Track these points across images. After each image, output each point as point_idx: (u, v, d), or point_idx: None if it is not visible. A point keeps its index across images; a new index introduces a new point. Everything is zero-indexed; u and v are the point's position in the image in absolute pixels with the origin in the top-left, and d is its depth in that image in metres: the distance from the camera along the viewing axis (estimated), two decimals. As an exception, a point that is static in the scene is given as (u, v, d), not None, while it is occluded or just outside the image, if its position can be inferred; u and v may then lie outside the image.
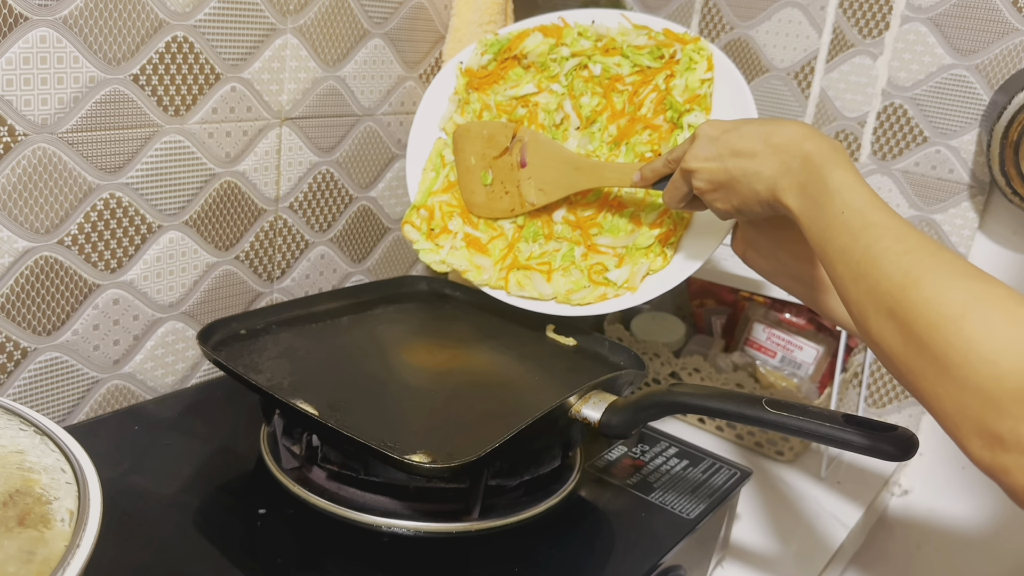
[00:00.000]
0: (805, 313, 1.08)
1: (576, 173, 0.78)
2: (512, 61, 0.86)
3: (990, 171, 0.95)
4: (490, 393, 0.72)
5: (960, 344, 0.44)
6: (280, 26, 0.82)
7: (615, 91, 0.79)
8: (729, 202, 0.65)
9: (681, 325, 1.13)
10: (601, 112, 0.80)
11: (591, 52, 0.82)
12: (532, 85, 0.82)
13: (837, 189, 0.55)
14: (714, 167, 0.65)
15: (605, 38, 0.83)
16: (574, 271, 0.80)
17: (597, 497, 0.74)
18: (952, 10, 1.02)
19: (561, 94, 0.81)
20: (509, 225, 0.84)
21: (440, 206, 0.87)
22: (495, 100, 0.84)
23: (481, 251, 0.84)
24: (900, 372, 0.49)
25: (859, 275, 0.51)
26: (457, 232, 0.85)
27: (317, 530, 0.64)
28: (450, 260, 0.85)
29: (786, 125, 0.61)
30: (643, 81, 0.79)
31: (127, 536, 0.60)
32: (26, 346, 0.72)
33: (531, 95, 0.82)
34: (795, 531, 0.88)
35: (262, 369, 0.71)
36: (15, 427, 0.49)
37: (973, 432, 0.44)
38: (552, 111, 0.81)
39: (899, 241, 0.51)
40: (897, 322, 0.48)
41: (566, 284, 0.79)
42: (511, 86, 0.83)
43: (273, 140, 0.86)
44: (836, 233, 0.54)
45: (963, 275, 0.47)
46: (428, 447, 0.61)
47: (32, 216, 0.69)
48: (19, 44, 0.65)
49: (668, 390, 0.65)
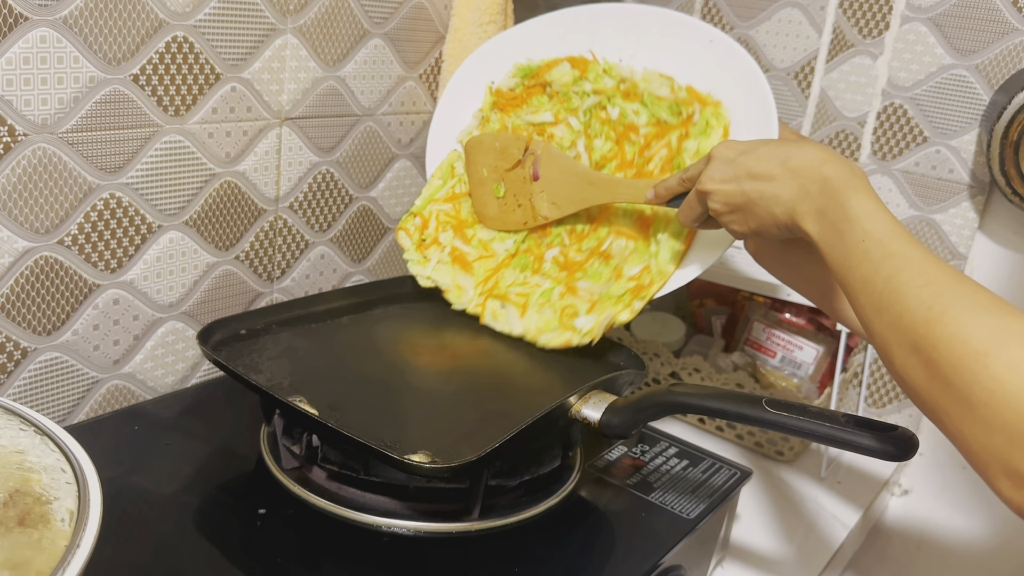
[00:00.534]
0: (805, 313, 1.08)
1: (589, 187, 0.78)
2: (538, 87, 0.85)
3: (990, 171, 0.95)
4: (490, 393, 0.72)
5: (985, 382, 0.43)
6: (280, 26, 0.82)
7: (628, 140, 0.79)
8: (746, 224, 0.64)
9: (681, 325, 1.13)
10: (611, 159, 0.80)
11: (612, 93, 0.81)
12: (550, 114, 0.82)
13: (857, 216, 0.54)
14: (730, 189, 0.63)
15: (628, 81, 0.81)
16: (548, 310, 0.80)
17: (597, 497, 0.74)
18: (952, 10, 1.02)
19: (577, 131, 0.80)
20: (502, 251, 0.84)
21: (437, 215, 0.87)
22: (513, 123, 0.84)
23: (466, 268, 0.83)
24: (926, 407, 0.48)
25: (881, 307, 0.51)
26: (446, 246, 0.85)
27: (317, 530, 0.64)
28: (435, 276, 0.85)
29: (804, 148, 0.60)
30: (657, 135, 0.78)
31: (127, 536, 0.60)
32: (26, 346, 0.72)
33: (548, 124, 0.81)
34: (795, 531, 0.88)
35: (262, 369, 0.71)
36: (15, 427, 0.49)
37: (1001, 471, 0.43)
38: (566, 147, 0.80)
39: (921, 273, 0.50)
40: (921, 357, 0.47)
41: (538, 322, 0.79)
42: (531, 111, 0.83)
43: (273, 140, 0.86)
44: (857, 262, 0.53)
45: (986, 309, 0.46)
46: (428, 447, 0.61)
47: (32, 216, 0.69)
48: (19, 44, 0.65)
49: (668, 390, 0.65)
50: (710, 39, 0.79)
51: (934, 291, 0.48)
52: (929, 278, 0.49)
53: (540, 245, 0.81)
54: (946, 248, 1.07)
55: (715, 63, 0.78)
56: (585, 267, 0.78)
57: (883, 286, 0.51)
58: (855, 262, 0.53)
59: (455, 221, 0.86)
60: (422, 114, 1.01)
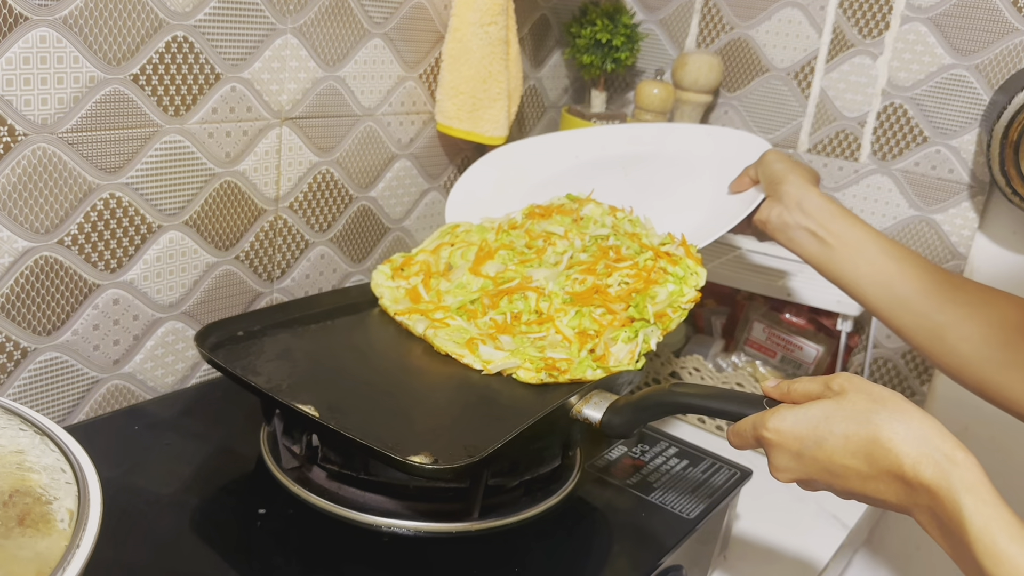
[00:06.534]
0: (805, 313, 1.08)
1: None
2: (572, 209, 0.89)
3: (990, 171, 0.95)
4: (491, 393, 0.72)
5: None
6: (280, 26, 0.82)
7: (607, 256, 0.81)
8: None
9: (681, 325, 1.13)
10: (583, 263, 0.81)
11: (623, 233, 0.84)
12: (562, 228, 0.86)
13: (978, 538, 0.47)
14: (806, 481, 0.57)
15: (641, 228, 0.85)
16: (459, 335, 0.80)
17: (597, 497, 0.74)
18: (952, 10, 1.02)
19: (576, 247, 0.83)
20: (451, 302, 0.82)
21: (418, 260, 0.88)
22: (531, 227, 0.87)
23: (415, 301, 0.83)
24: None
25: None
26: (409, 282, 0.86)
27: (317, 530, 0.64)
28: (386, 290, 0.86)
29: (884, 435, 0.51)
30: (634, 263, 0.80)
31: (127, 536, 0.60)
32: (26, 346, 0.72)
33: (556, 235, 0.85)
34: (795, 531, 0.88)
35: (261, 371, 0.71)
36: (15, 427, 0.49)
37: None
38: (559, 252, 0.83)
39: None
40: None
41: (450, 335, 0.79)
42: (550, 223, 0.87)
43: (273, 140, 0.86)
44: (970, 566, 0.49)
45: None
46: (429, 448, 0.61)
47: (32, 216, 0.69)
48: (19, 44, 0.65)
49: (668, 390, 0.65)
50: None
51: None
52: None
53: (485, 310, 0.80)
54: (946, 248, 1.07)
55: None
56: (514, 331, 0.78)
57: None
58: (969, 565, 0.49)
59: (427, 268, 0.86)
60: (422, 114, 1.01)
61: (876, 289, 0.75)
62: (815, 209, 0.77)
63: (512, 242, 0.86)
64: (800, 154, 1.15)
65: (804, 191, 0.78)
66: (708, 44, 1.20)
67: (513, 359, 0.74)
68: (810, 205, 0.77)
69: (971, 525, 0.47)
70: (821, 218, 0.76)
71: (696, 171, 0.94)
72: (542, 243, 0.85)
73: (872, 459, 0.52)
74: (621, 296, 0.77)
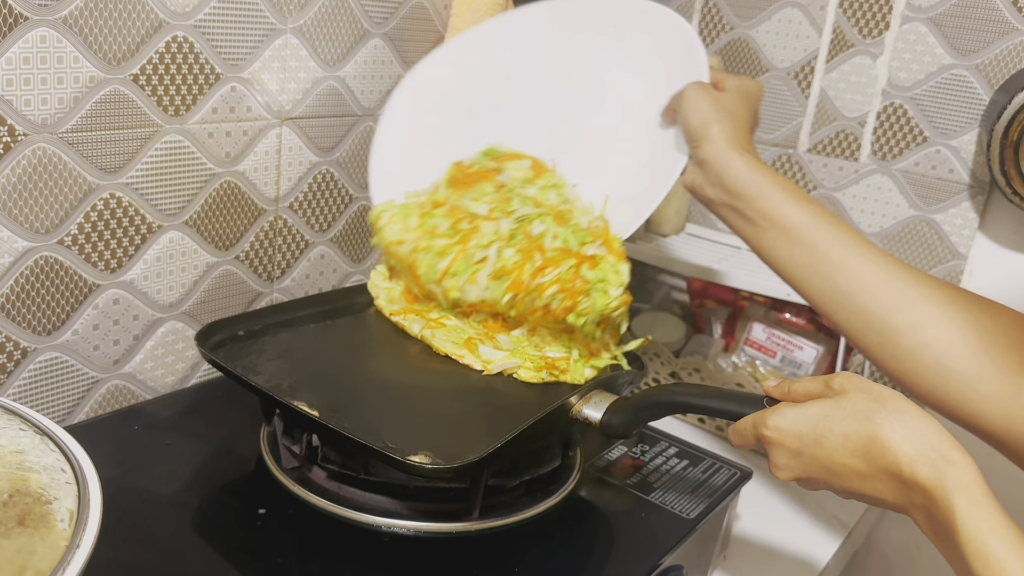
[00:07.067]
0: (805, 313, 1.08)
1: None
2: (493, 172, 0.80)
3: (990, 171, 0.95)
4: (491, 393, 0.72)
5: None
6: (280, 26, 0.82)
7: (531, 259, 0.73)
8: None
9: (681, 325, 1.13)
10: (511, 271, 0.74)
11: (548, 212, 0.76)
12: (486, 208, 0.77)
13: (968, 539, 0.47)
14: (806, 479, 0.56)
15: (569, 203, 0.77)
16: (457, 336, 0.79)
17: (597, 497, 0.74)
18: (952, 10, 1.02)
19: (501, 235, 0.75)
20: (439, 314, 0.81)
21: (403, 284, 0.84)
22: (456, 202, 0.79)
23: (410, 301, 0.83)
24: None
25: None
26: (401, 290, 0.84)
27: (317, 530, 0.64)
28: (384, 291, 0.85)
29: (883, 434, 0.51)
30: (554, 261, 0.72)
31: (127, 536, 0.60)
32: (26, 346, 0.72)
33: (480, 216, 0.77)
34: (795, 531, 0.88)
35: (261, 370, 0.71)
36: (15, 427, 0.49)
37: None
38: (484, 244, 0.75)
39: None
40: None
41: (448, 336, 0.78)
42: (473, 197, 0.79)
43: (273, 140, 0.86)
44: (962, 566, 0.49)
45: None
46: (429, 447, 0.61)
47: (32, 216, 0.69)
48: (19, 44, 0.65)
49: (668, 390, 0.65)
50: None
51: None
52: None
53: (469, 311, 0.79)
54: (946, 248, 1.07)
55: None
56: (510, 331, 0.77)
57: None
58: (960, 566, 0.49)
59: (411, 296, 0.83)
60: (422, 114, 1.01)
61: (816, 281, 0.65)
62: (739, 183, 0.65)
63: (435, 227, 0.78)
64: (800, 154, 1.15)
65: (726, 157, 0.65)
66: (708, 44, 1.20)
67: (513, 359, 0.74)
68: (732, 178, 0.65)
69: (962, 525, 0.47)
70: (747, 194, 0.65)
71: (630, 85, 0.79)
72: (467, 224, 0.77)
73: (871, 458, 0.51)
74: (559, 314, 0.72)
